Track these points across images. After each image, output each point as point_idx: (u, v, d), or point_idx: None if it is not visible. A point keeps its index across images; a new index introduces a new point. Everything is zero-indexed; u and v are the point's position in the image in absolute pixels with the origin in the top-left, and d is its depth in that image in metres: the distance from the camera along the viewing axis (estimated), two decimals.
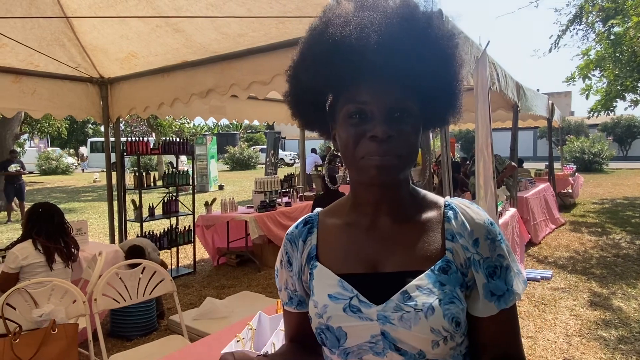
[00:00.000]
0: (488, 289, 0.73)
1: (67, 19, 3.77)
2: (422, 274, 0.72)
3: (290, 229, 0.88)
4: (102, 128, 7.77)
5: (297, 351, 0.89)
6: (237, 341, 1.28)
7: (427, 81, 0.72)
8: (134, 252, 3.79)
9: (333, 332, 0.75)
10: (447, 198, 0.81)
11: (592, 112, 10.28)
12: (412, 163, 0.75)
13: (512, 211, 5.19)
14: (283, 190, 6.32)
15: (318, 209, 0.89)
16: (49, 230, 2.90)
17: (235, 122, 16.21)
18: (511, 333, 0.76)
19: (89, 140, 29.20)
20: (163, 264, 4.26)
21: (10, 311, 2.33)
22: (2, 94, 3.94)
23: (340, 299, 0.75)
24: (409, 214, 0.79)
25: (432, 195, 0.82)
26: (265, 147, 17.00)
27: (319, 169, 11.65)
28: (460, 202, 0.79)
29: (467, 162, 8.72)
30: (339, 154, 0.78)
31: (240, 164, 26.56)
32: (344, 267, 0.79)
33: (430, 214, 0.79)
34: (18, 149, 14.63)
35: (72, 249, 3.01)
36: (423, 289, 0.71)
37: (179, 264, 5.78)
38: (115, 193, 5.12)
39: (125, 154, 5.11)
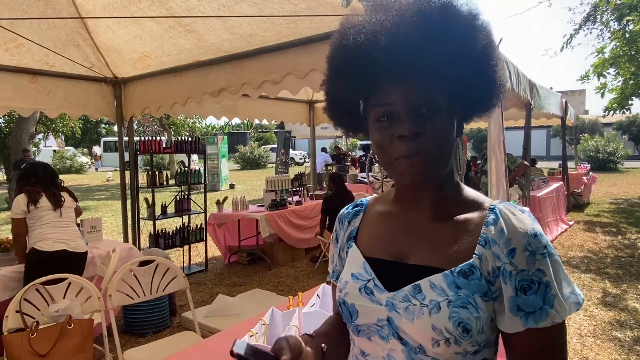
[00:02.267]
0: (515, 302, 0.69)
1: (82, 20, 3.83)
2: (440, 273, 0.72)
3: (343, 209, 0.95)
4: (115, 128, 7.87)
5: (338, 326, 0.91)
6: (250, 336, 1.29)
7: (451, 70, 0.70)
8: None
9: (347, 307, 0.80)
10: (496, 201, 0.77)
11: (607, 111, 10.12)
12: (446, 160, 0.74)
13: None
14: (294, 189, 6.34)
15: (373, 195, 0.95)
16: (34, 181, 3.27)
17: (246, 122, 16.26)
18: (546, 357, 0.70)
19: (102, 139, 29.58)
20: None
21: (28, 307, 2.39)
22: (19, 94, 4.02)
23: (359, 279, 0.80)
24: (448, 212, 0.78)
25: (478, 196, 0.80)
26: (275, 146, 17.05)
27: (329, 168, 11.65)
28: (506, 207, 0.74)
29: (478, 162, 8.66)
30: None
31: (251, 163, 26.68)
32: (373, 250, 0.83)
33: (471, 215, 0.76)
34: (33, 149, 14.86)
35: (61, 196, 3.39)
36: (436, 287, 0.71)
37: (191, 262, 5.84)
38: (128, 191, 5.19)
39: (138, 153, 5.18)
